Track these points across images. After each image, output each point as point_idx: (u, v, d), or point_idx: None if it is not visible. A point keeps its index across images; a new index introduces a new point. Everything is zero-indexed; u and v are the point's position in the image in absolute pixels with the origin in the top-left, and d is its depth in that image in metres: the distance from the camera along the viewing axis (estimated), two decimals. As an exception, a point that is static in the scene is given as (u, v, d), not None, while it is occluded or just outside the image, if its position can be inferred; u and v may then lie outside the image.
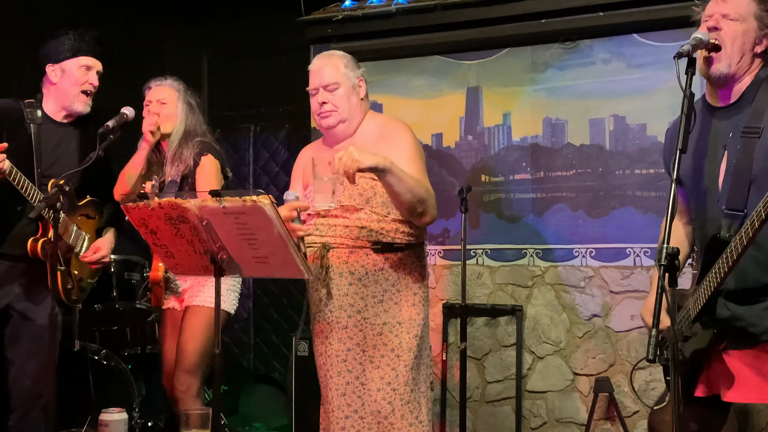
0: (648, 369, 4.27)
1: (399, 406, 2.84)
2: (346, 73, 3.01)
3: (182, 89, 3.65)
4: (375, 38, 4.97)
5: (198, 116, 3.65)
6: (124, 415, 2.69)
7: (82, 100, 3.45)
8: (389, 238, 2.90)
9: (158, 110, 3.56)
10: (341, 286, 2.90)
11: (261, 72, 5.87)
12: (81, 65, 3.44)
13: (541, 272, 4.63)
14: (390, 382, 2.86)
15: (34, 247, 3.27)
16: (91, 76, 3.46)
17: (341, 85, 2.98)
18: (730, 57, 2.38)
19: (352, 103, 3.00)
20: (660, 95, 4.33)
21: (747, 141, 2.34)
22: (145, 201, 2.53)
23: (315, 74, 3.03)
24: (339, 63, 3.03)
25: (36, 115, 3.37)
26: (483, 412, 4.70)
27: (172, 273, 3.44)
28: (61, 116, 3.48)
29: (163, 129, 3.55)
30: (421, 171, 2.90)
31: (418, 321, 2.92)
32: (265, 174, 5.96)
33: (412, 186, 2.73)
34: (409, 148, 2.93)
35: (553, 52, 4.67)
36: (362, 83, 3.05)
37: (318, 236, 2.96)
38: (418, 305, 2.94)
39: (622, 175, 4.49)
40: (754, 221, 2.12)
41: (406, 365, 2.87)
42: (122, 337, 4.46)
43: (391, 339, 2.88)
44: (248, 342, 5.92)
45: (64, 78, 3.43)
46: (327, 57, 3.07)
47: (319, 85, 3.00)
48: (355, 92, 3.01)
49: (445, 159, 4.92)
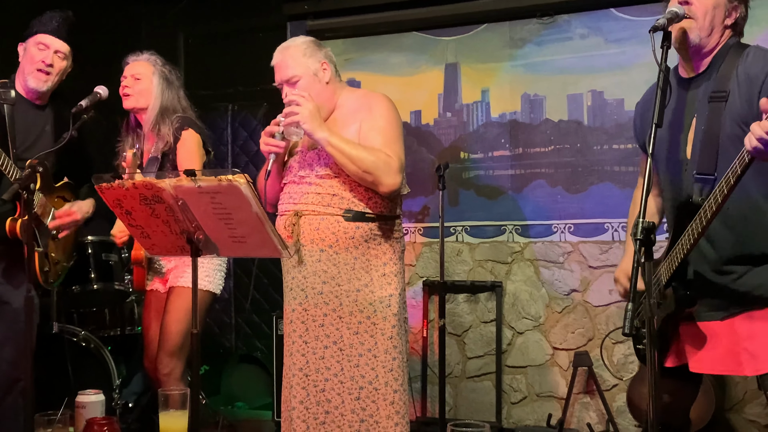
0: (626, 342, 4.31)
1: (382, 374, 2.86)
2: (304, 62, 2.96)
3: (159, 63, 3.58)
4: (352, 15, 4.95)
5: (177, 91, 3.59)
6: (101, 397, 2.66)
7: (36, 77, 3.38)
8: (361, 207, 2.90)
9: (132, 85, 3.52)
10: (313, 252, 2.90)
11: (238, 50, 5.81)
12: (38, 42, 3.39)
13: (520, 248, 4.65)
14: (371, 349, 2.87)
15: (12, 227, 3.22)
16: (46, 54, 3.39)
17: (301, 76, 2.94)
18: (701, 29, 2.41)
19: (315, 91, 2.94)
20: (637, 70, 4.34)
21: (714, 106, 2.37)
22: (118, 181, 2.50)
23: (277, 70, 3.00)
24: (296, 53, 2.97)
25: (9, 96, 3.32)
26: (464, 387, 4.73)
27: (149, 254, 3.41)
28: (32, 96, 3.43)
29: (137, 104, 3.51)
30: (389, 140, 2.89)
31: (390, 291, 2.92)
32: (243, 153, 5.92)
33: (354, 157, 2.78)
34: (382, 116, 2.93)
35: (531, 28, 4.66)
36: (326, 66, 3.00)
37: (290, 203, 2.96)
38: (390, 276, 2.94)
39: (600, 151, 4.50)
40: (723, 185, 2.13)
41: (383, 333, 2.88)
42: (101, 318, 4.44)
43: (366, 307, 2.89)
44: (230, 322, 5.91)
45: (25, 57, 3.41)
46: (284, 50, 3.01)
47: (281, 80, 2.98)
48: (317, 79, 2.97)
49: (424, 136, 4.91)
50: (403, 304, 2.97)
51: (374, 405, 2.86)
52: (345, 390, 2.87)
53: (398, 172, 2.86)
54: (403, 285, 2.99)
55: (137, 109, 3.53)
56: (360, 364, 2.87)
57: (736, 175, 2.09)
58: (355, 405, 2.85)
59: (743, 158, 2.06)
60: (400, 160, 2.89)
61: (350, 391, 2.86)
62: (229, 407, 5.25)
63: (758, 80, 2.31)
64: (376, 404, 2.85)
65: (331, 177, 2.91)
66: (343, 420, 2.86)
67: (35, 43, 3.39)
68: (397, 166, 2.86)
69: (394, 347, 2.90)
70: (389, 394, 2.86)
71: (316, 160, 2.96)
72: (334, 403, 2.87)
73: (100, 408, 2.64)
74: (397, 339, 2.91)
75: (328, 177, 2.91)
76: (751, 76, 2.33)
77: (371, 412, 2.85)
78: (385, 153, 2.84)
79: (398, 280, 2.97)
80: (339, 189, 2.90)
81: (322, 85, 2.98)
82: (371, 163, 2.80)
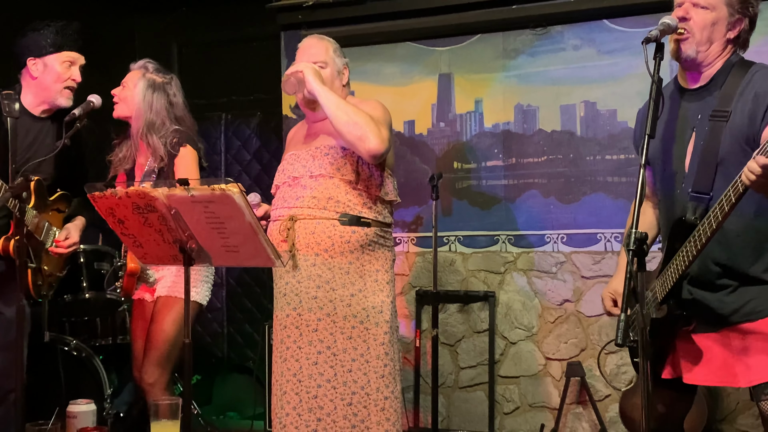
0: (619, 353, 4.31)
1: (374, 379, 2.86)
2: (333, 57, 3.09)
3: (150, 69, 3.50)
4: (346, 24, 4.95)
5: (168, 99, 3.46)
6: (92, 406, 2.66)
7: (65, 95, 3.40)
8: (356, 212, 2.90)
9: (119, 92, 3.49)
10: (308, 256, 2.90)
11: (232, 60, 5.83)
12: (64, 60, 3.38)
13: (513, 258, 4.65)
14: (363, 354, 2.87)
15: (6, 246, 3.22)
16: (74, 71, 3.41)
17: (328, 65, 3.06)
18: (698, 44, 2.40)
19: (335, 87, 3.04)
20: (630, 81, 4.35)
21: (715, 124, 2.36)
22: (111, 190, 2.49)
23: (303, 51, 3.09)
24: (329, 46, 3.12)
25: (14, 108, 3.30)
26: (456, 397, 4.73)
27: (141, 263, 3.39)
28: (39, 110, 3.41)
29: (122, 112, 3.48)
30: (379, 122, 2.91)
31: (382, 298, 2.93)
32: (236, 163, 5.92)
33: (348, 109, 2.85)
34: (374, 108, 2.98)
35: (524, 39, 4.68)
36: (346, 71, 3.15)
37: (285, 208, 2.95)
38: (382, 283, 2.95)
39: (592, 161, 4.51)
40: (723, 205, 2.13)
41: (376, 339, 2.88)
42: (93, 327, 4.42)
43: (359, 312, 2.89)
44: (221, 332, 5.90)
45: (46, 73, 3.37)
46: (317, 38, 3.16)
47: (308, 60, 3.04)
48: (339, 77, 3.10)
49: (417, 146, 4.92)
50: (394, 312, 2.98)
51: (365, 410, 2.85)
52: (337, 396, 2.86)
53: (385, 141, 2.88)
54: (394, 293, 2.99)
55: (123, 117, 3.50)
56: (353, 369, 2.86)
57: (730, 203, 2.10)
58: (347, 411, 2.85)
59: (737, 187, 2.07)
60: (389, 137, 2.93)
61: (342, 396, 2.86)
62: (221, 417, 5.23)
63: (766, 97, 2.29)
64: (368, 410, 2.85)
65: (325, 177, 2.91)
66: (335, 426, 2.85)
67: (61, 61, 3.36)
68: (386, 136, 2.89)
69: (386, 354, 2.90)
70: (380, 401, 2.86)
71: (310, 160, 2.96)
72: (326, 409, 2.86)
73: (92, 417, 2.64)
74: (389, 346, 2.91)
75: (323, 177, 2.91)
76: (759, 94, 2.31)
77: (362, 417, 2.85)
78: (375, 121, 2.89)
79: (390, 288, 2.97)
80: (334, 191, 2.90)
81: (340, 84, 3.11)
82: (362, 117, 2.85)
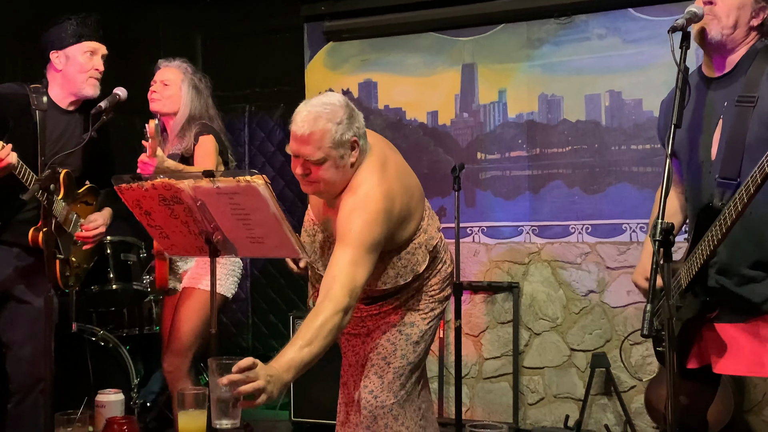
0: (644, 344, 4.29)
1: (403, 346, 2.81)
2: (336, 140, 2.46)
3: (190, 71, 3.65)
4: (369, 15, 4.95)
5: (205, 100, 3.64)
6: (120, 396, 2.67)
7: (91, 84, 3.42)
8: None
9: (160, 90, 3.58)
10: None
11: (255, 51, 5.83)
12: (85, 50, 3.40)
13: (537, 249, 4.64)
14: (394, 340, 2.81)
15: (35, 237, 3.24)
16: (96, 60, 3.43)
17: (326, 160, 2.49)
18: (724, 27, 2.38)
19: (339, 174, 2.54)
20: (655, 70, 4.32)
21: (742, 110, 2.34)
22: (138, 182, 2.52)
23: (299, 141, 2.48)
24: (327, 132, 2.45)
25: (42, 102, 3.33)
26: (480, 388, 4.73)
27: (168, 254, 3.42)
28: (66, 103, 3.44)
29: (164, 109, 3.57)
30: (358, 246, 2.43)
31: (418, 323, 2.81)
32: (261, 154, 5.94)
33: (317, 354, 2.29)
34: (361, 218, 2.47)
35: (549, 28, 4.65)
36: (356, 143, 2.53)
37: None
38: (425, 311, 2.84)
39: (617, 151, 4.48)
40: (749, 187, 2.11)
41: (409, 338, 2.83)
42: (119, 318, 4.47)
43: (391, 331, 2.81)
44: (246, 322, 5.93)
45: (69, 64, 3.39)
46: (313, 120, 2.46)
47: (301, 155, 2.50)
48: (341, 163, 2.51)
49: (441, 137, 4.91)
50: (428, 340, 2.88)
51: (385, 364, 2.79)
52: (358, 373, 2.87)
53: (346, 310, 2.38)
54: (435, 325, 2.89)
55: (162, 113, 3.59)
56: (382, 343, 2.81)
57: (756, 184, 2.08)
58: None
59: (763, 168, 2.04)
60: (354, 284, 2.40)
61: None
62: (246, 407, 5.26)
63: None
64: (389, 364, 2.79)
65: None
66: None
67: (82, 51, 3.38)
68: (345, 304, 2.37)
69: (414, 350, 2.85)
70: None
71: None
72: None
73: (120, 407, 2.65)
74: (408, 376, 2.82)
75: None
76: None
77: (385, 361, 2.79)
78: (331, 297, 2.37)
79: (433, 319, 2.87)
80: None
81: (344, 169, 2.54)
82: (329, 338, 2.32)
